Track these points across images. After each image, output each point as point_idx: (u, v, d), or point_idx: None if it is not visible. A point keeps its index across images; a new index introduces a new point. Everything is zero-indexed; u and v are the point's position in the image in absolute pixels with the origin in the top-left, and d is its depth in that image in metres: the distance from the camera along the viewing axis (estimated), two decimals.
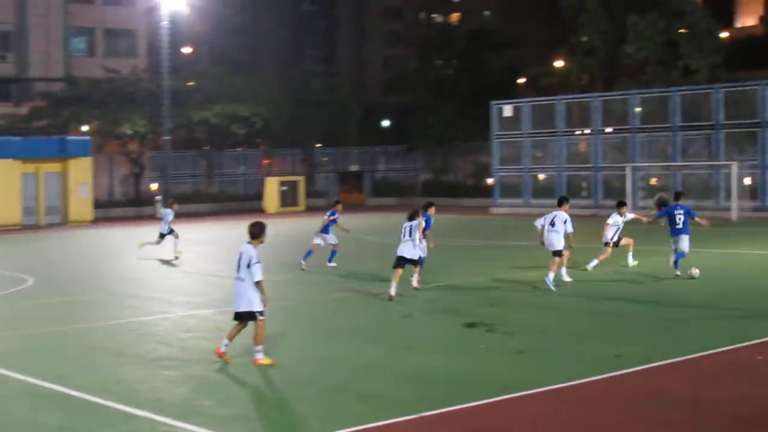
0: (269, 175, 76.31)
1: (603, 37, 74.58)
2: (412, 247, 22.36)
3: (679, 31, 66.53)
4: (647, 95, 60.05)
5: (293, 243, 36.37)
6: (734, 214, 48.86)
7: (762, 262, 28.77)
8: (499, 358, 15.25)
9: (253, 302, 14.79)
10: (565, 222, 23.61)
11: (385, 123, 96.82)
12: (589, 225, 34.66)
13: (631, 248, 27.43)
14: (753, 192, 52.29)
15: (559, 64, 79.52)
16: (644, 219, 28.45)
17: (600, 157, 60.11)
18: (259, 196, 72.26)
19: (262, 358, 14.81)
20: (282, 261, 29.82)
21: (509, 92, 77.36)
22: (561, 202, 24.46)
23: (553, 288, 22.90)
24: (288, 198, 70.41)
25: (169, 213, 33.97)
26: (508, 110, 64.43)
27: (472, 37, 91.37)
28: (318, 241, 28.84)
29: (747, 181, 53.87)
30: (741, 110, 54.48)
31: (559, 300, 21.86)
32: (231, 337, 15.07)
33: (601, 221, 28.63)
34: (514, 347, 15.96)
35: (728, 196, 51.86)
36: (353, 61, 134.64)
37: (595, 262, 26.57)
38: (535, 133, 63.29)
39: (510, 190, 64.68)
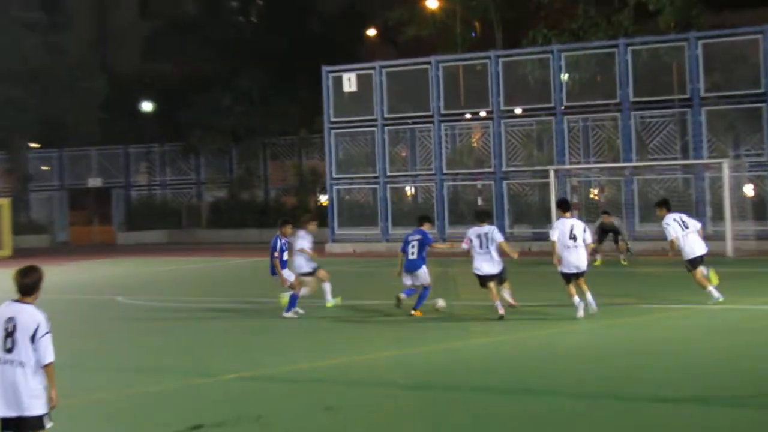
0: None
1: None
2: (491, 260, 29.06)
3: None
4: (578, 53, 60.58)
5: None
6: (729, 246, 48.46)
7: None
8: None
9: (38, 399, 14.00)
10: (584, 231, 29.23)
11: (147, 107, 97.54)
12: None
13: None
14: (759, 207, 52.51)
15: (432, 4, 79.80)
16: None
17: (504, 156, 59.98)
18: None
19: None
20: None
21: (352, 53, 79.54)
22: (567, 207, 30.53)
23: (595, 307, 28.83)
24: None
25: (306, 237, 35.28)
26: (350, 81, 64.36)
27: None
28: (291, 277, 32.81)
29: (747, 189, 54.31)
30: (732, 75, 55.32)
31: (438, 394, 21.15)
32: None
33: None
34: None
35: (718, 216, 51.85)
36: (92, 7, 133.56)
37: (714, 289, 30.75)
38: (395, 118, 63.67)
39: (356, 213, 65.06)
